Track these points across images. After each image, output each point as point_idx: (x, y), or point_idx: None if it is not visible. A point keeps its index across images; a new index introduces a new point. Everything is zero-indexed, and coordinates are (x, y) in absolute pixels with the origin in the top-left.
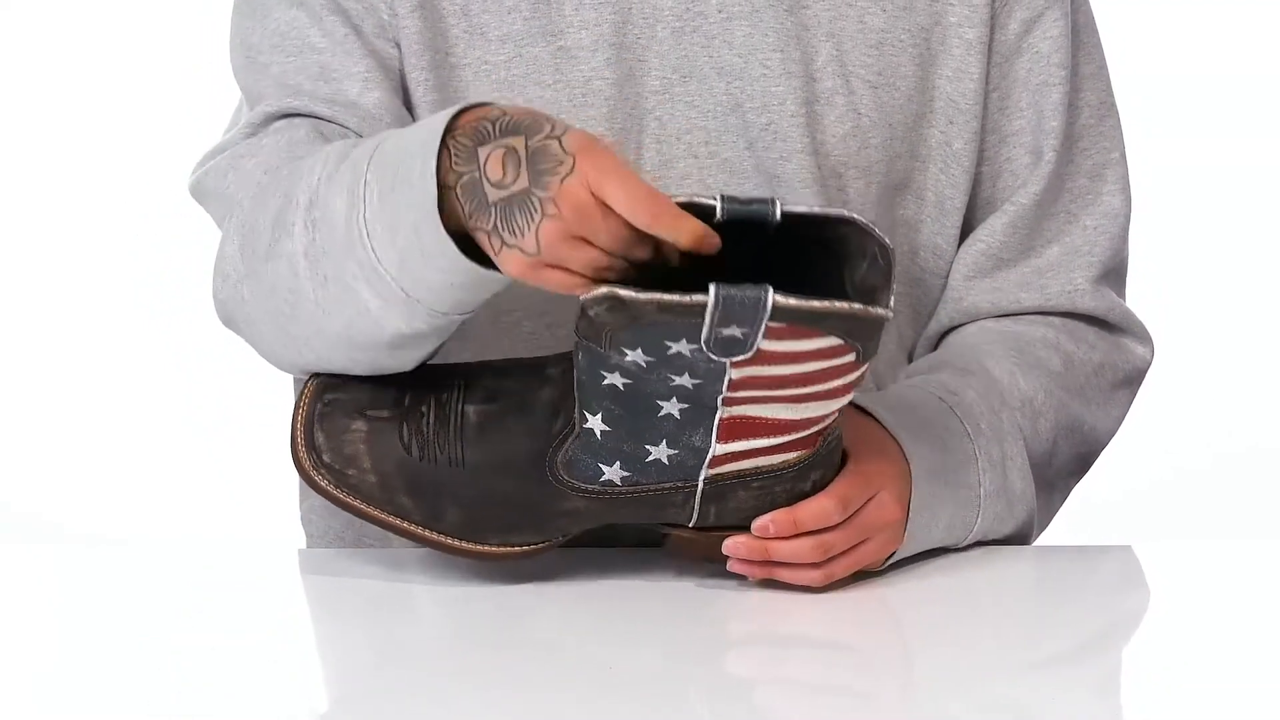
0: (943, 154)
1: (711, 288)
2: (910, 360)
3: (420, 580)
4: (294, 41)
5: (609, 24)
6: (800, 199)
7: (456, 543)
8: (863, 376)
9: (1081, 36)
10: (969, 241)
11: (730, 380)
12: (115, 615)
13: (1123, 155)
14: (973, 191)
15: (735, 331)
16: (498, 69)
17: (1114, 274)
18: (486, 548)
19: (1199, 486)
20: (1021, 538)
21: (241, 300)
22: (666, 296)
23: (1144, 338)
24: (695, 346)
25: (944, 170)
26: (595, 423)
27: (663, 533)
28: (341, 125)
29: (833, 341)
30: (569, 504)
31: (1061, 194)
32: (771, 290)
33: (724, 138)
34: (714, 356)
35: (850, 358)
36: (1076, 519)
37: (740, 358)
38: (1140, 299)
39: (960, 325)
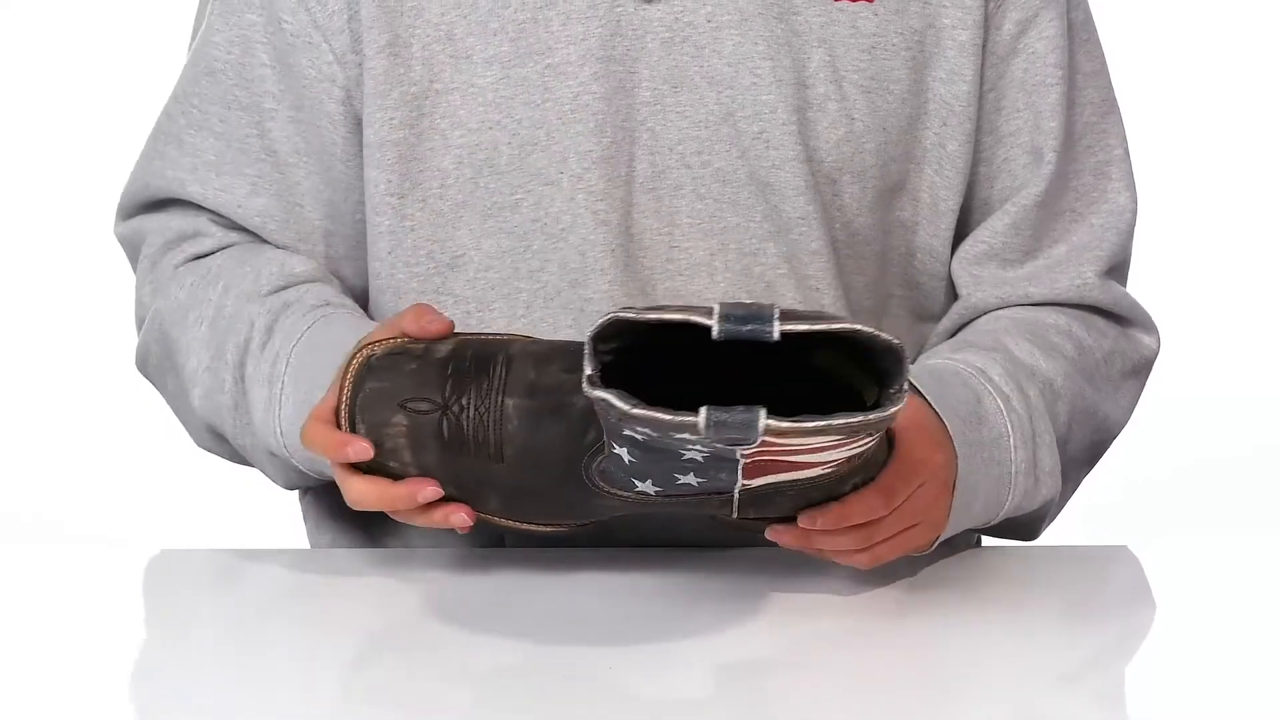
0: (937, 155)
1: (702, 412)
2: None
3: (422, 581)
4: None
5: (596, 38)
6: (794, 207)
7: (502, 520)
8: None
9: (1080, 34)
10: (970, 243)
11: (743, 454)
12: (115, 615)
13: (1126, 152)
14: (969, 192)
15: (734, 435)
16: (485, 91)
17: (1118, 269)
18: (531, 525)
19: (1197, 484)
20: (1039, 519)
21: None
22: (659, 415)
23: (1150, 328)
24: (699, 436)
25: (938, 172)
26: (622, 453)
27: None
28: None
29: (838, 437)
30: (606, 502)
31: (1066, 193)
32: (763, 414)
33: (716, 147)
34: (719, 445)
35: (862, 436)
36: (1076, 520)
37: (745, 449)
38: (1143, 295)
39: (970, 321)
